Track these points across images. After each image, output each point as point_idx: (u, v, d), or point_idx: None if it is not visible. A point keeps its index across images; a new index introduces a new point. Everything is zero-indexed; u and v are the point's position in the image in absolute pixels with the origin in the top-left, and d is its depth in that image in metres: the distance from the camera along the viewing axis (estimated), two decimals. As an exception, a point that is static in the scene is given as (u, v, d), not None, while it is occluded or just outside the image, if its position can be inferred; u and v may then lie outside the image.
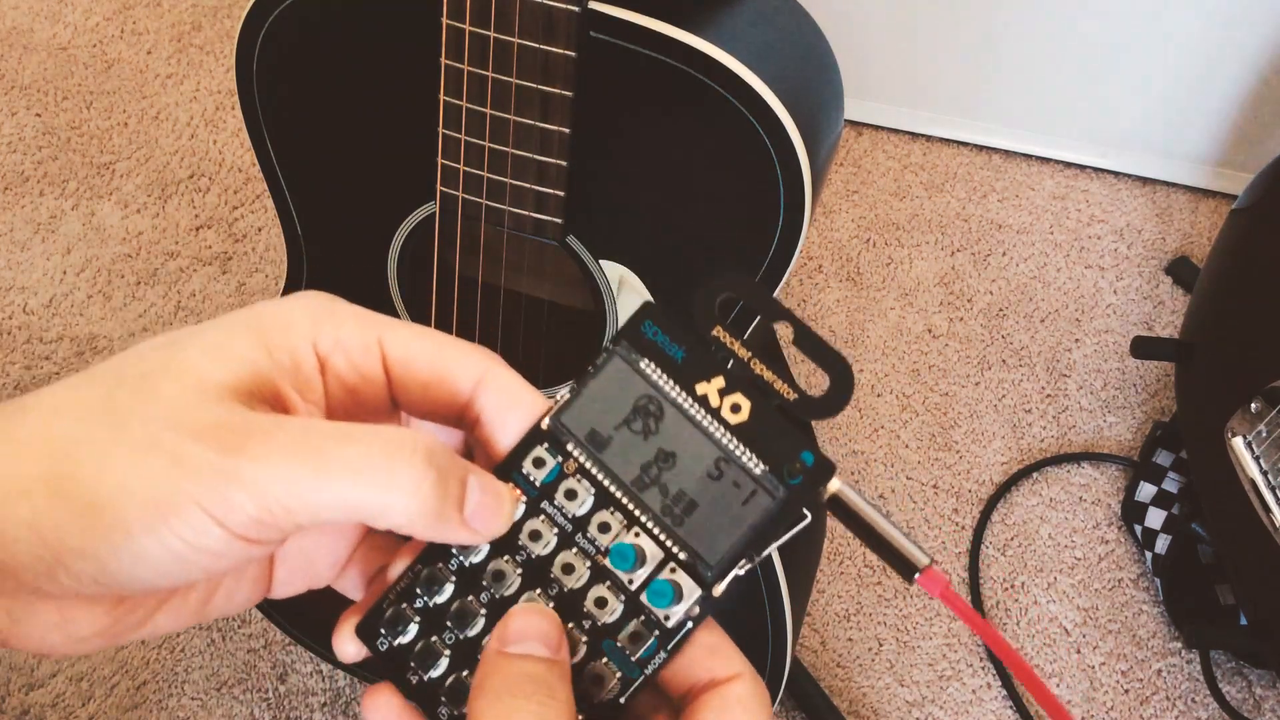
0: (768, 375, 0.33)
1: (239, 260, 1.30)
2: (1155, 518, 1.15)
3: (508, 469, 0.34)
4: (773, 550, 0.33)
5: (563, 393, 0.35)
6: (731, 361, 0.34)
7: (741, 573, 0.32)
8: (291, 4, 0.67)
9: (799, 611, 0.89)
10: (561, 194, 0.67)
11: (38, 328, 1.24)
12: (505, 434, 0.34)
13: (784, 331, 1.10)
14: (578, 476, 0.34)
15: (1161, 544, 1.14)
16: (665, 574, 0.33)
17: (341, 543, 0.35)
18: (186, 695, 1.04)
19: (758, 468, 0.33)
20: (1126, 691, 1.11)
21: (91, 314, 1.25)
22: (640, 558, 0.33)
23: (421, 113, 0.67)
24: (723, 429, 0.33)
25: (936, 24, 1.39)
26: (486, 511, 0.32)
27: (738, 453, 0.33)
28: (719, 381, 0.33)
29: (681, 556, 0.33)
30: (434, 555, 0.34)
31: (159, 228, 1.32)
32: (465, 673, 0.33)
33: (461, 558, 0.34)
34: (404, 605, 0.34)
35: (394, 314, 0.80)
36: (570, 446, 0.34)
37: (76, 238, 1.30)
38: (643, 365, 0.34)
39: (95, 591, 0.29)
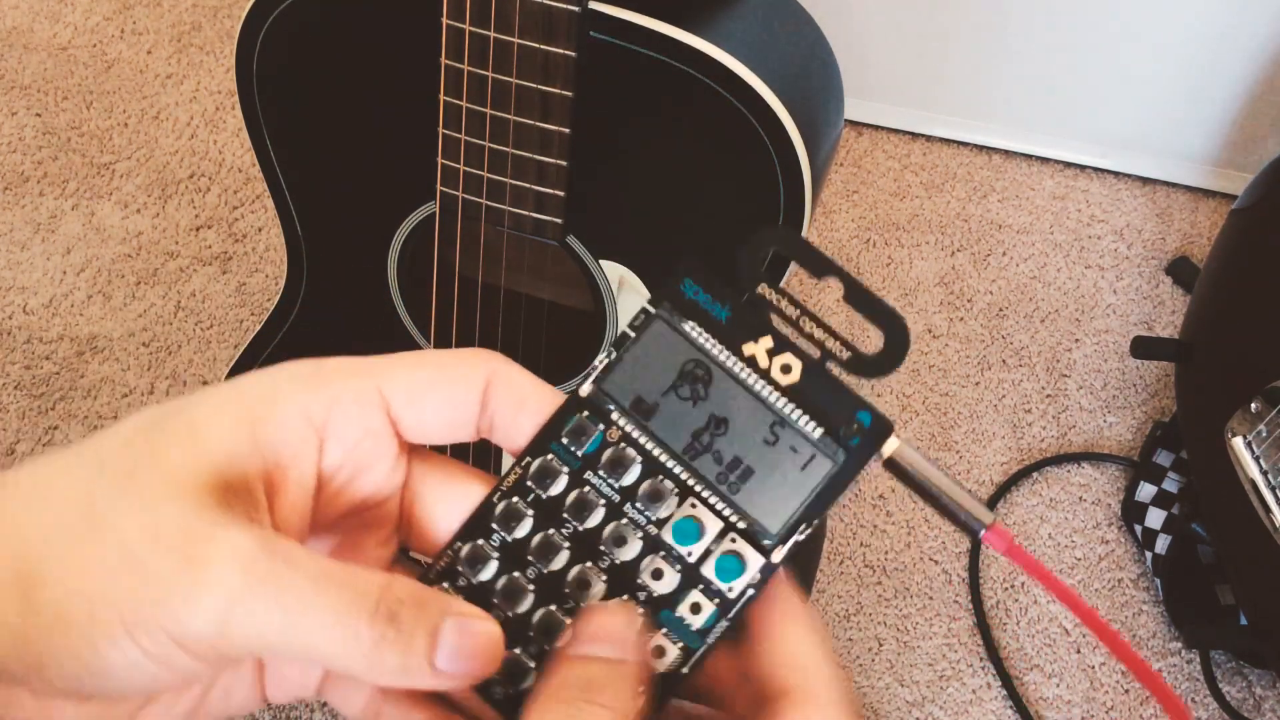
0: (818, 333, 0.32)
1: (239, 260, 1.30)
2: (1155, 518, 1.15)
3: (545, 440, 0.33)
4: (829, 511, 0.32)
5: (601, 357, 0.33)
6: (780, 320, 0.32)
7: (801, 538, 0.32)
8: (291, 4, 0.67)
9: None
10: (561, 194, 0.67)
11: (38, 328, 1.24)
12: (519, 434, 0.33)
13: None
14: (623, 444, 0.32)
15: (1161, 544, 1.14)
16: (727, 545, 0.32)
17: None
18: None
19: (815, 431, 0.31)
20: (1126, 691, 1.11)
21: (91, 314, 1.25)
22: (701, 530, 0.32)
23: (421, 112, 0.67)
24: (775, 391, 0.32)
25: (936, 24, 1.40)
26: (462, 657, 0.29)
27: (793, 416, 0.32)
28: (767, 341, 0.32)
29: (740, 525, 0.32)
30: (474, 531, 0.33)
31: (159, 228, 1.32)
32: (518, 649, 0.32)
33: (504, 533, 0.33)
34: (445, 585, 0.33)
35: (395, 315, 0.80)
36: (614, 415, 0.33)
37: (76, 238, 1.30)
38: (686, 327, 0.32)
39: (75, 692, 0.29)
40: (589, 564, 0.32)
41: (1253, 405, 0.98)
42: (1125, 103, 1.42)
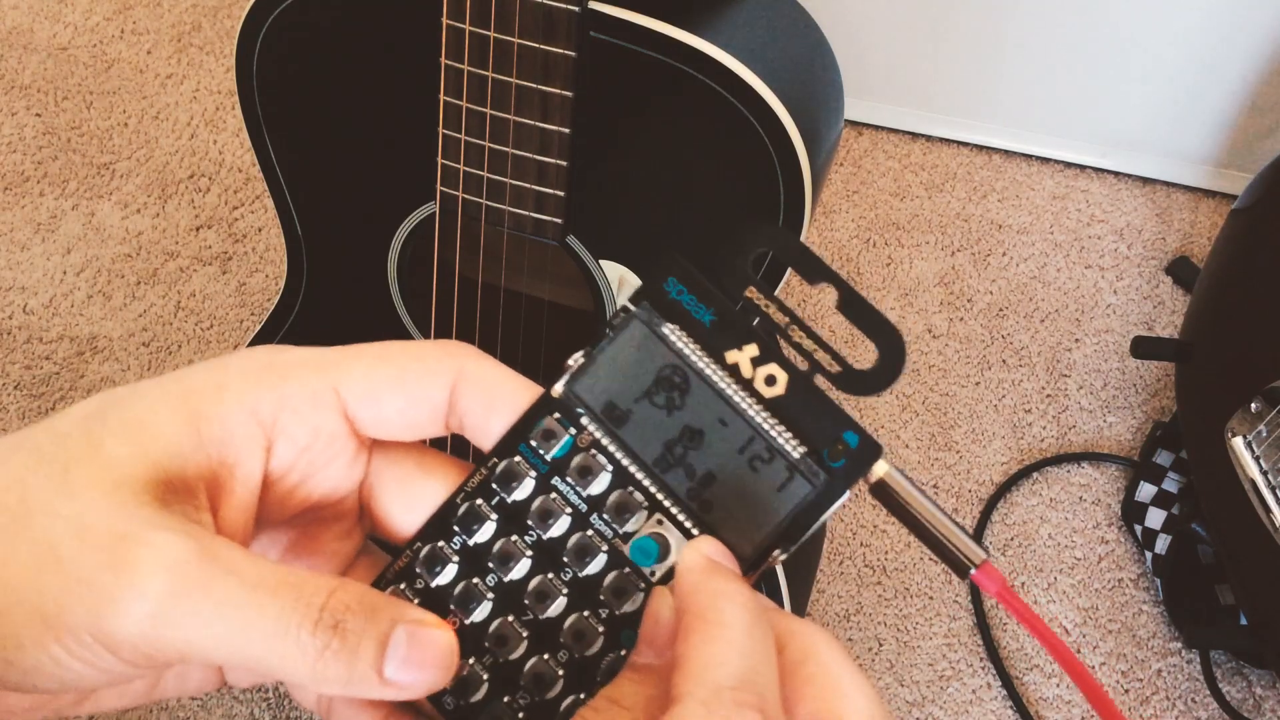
0: (807, 344, 0.30)
1: (239, 260, 1.30)
2: (1155, 518, 1.15)
3: (514, 441, 0.31)
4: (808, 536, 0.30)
5: (576, 356, 0.32)
6: (767, 328, 0.30)
7: (776, 564, 0.30)
8: (291, 4, 0.67)
9: (799, 611, 0.89)
10: (561, 194, 0.67)
11: (38, 328, 1.24)
12: (491, 433, 0.31)
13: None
14: (593, 451, 0.31)
15: (1161, 544, 1.14)
16: None
17: None
18: (186, 695, 1.04)
19: (795, 450, 0.29)
20: (1126, 691, 1.10)
21: (91, 314, 1.25)
22: (664, 551, 0.30)
23: (422, 113, 0.67)
24: (756, 404, 0.30)
25: (936, 24, 1.39)
26: (414, 667, 0.28)
27: (773, 433, 0.29)
28: (752, 350, 0.30)
29: None
30: (434, 532, 0.32)
31: (159, 228, 1.32)
32: (471, 659, 0.31)
33: (465, 537, 0.31)
34: (402, 586, 0.32)
35: (395, 315, 0.80)
36: (585, 420, 0.31)
37: (76, 238, 1.30)
38: (666, 331, 0.30)
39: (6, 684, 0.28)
40: (550, 575, 0.31)
41: (1253, 405, 0.98)
42: (1125, 103, 1.42)
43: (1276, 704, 1.10)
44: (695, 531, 0.30)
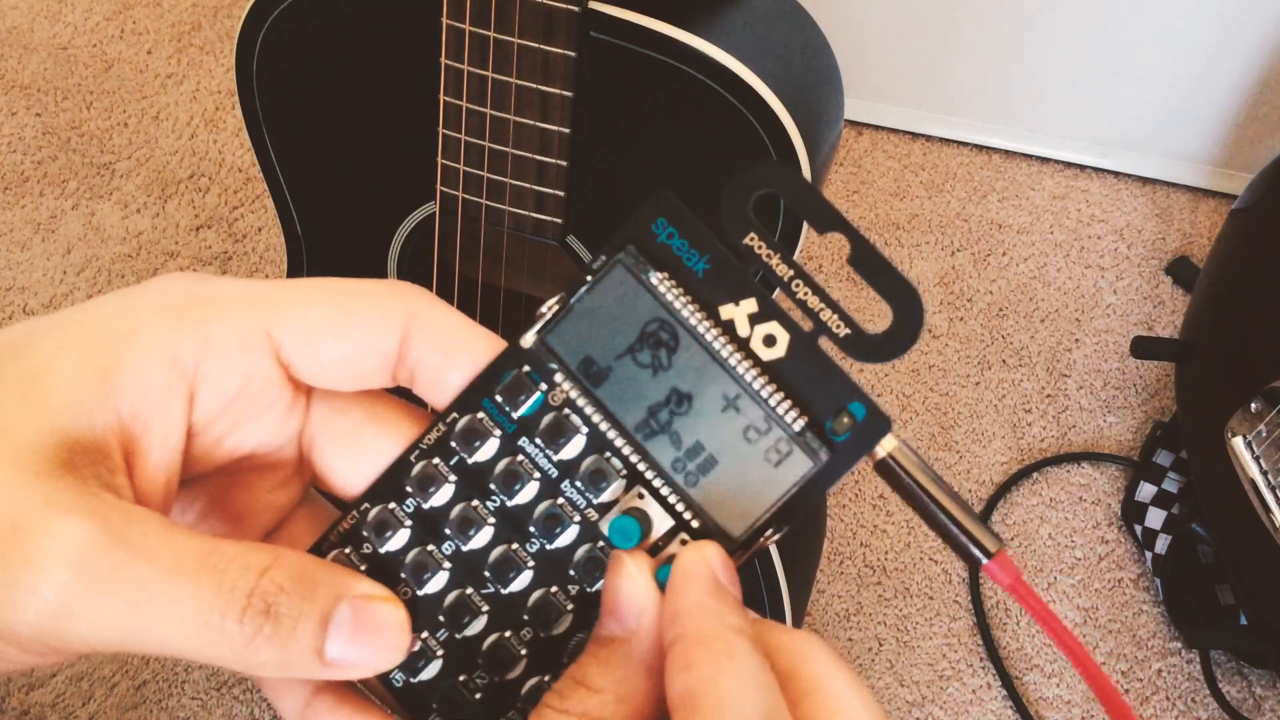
0: (813, 301, 0.27)
1: (239, 260, 1.30)
2: (1155, 518, 1.15)
3: (476, 395, 0.28)
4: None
5: (550, 303, 0.28)
6: (768, 280, 0.27)
7: (769, 544, 0.27)
8: (292, 4, 0.67)
9: (799, 611, 0.89)
10: (561, 194, 0.67)
11: (38, 328, 1.24)
12: (444, 389, 0.28)
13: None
14: (566, 411, 0.28)
15: (1161, 544, 1.14)
16: (675, 548, 0.27)
17: None
18: (186, 695, 1.04)
19: (795, 422, 0.26)
20: (1127, 691, 1.10)
21: (91, 314, 1.25)
22: (645, 530, 0.27)
23: (422, 113, 0.67)
24: (753, 368, 0.27)
25: (936, 24, 1.40)
26: (360, 646, 0.25)
27: (771, 400, 0.26)
28: (750, 305, 0.27)
29: (695, 525, 0.27)
30: (385, 492, 0.29)
31: (159, 228, 1.32)
32: (424, 634, 0.28)
33: (420, 500, 0.28)
34: (347, 550, 0.29)
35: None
36: (558, 376, 0.28)
37: (76, 238, 1.30)
38: (653, 279, 0.27)
39: None
40: (514, 546, 0.28)
41: (1253, 405, 0.98)
42: (1125, 103, 1.42)
43: (1276, 704, 1.10)
44: (680, 508, 0.27)
